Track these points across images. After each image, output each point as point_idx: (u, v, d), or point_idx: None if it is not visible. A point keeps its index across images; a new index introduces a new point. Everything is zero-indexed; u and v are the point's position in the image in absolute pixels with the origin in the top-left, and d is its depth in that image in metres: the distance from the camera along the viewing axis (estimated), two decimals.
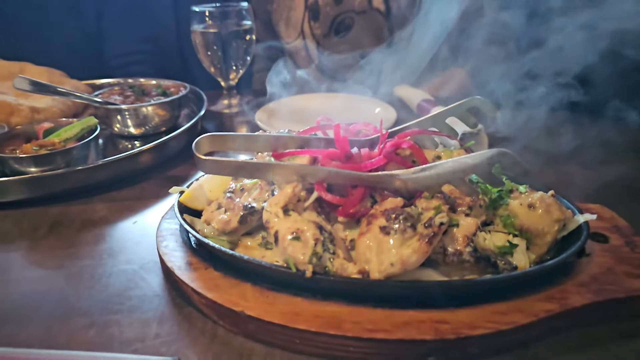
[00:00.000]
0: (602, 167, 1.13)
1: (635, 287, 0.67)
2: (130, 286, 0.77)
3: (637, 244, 0.77)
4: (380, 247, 0.63)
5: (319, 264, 0.64)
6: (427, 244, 0.61)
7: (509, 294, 0.65)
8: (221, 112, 1.67)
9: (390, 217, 0.64)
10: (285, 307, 0.64)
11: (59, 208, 1.00)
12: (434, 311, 0.62)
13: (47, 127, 1.10)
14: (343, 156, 0.71)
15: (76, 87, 1.45)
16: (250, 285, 0.68)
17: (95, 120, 1.13)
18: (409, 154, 0.73)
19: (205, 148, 0.74)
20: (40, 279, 0.80)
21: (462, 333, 0.59)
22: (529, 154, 1.13)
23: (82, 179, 1.03)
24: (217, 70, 1.65)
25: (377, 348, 0.60)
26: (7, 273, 0.82)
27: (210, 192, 0.81)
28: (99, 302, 0.73)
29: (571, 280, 0.69)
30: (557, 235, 0.74)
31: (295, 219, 0.66)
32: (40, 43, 2.03)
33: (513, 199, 0.75)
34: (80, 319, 0.70)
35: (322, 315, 0.62)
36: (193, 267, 0.73)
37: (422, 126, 0.78)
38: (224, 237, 0.76)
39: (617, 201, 0.92)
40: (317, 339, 0.61)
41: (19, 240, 0.92)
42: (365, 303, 0.64)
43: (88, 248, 0.88)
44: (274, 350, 0.63)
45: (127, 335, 0.66)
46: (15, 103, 1.19)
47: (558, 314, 0.63)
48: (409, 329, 0.60)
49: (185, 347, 0.64)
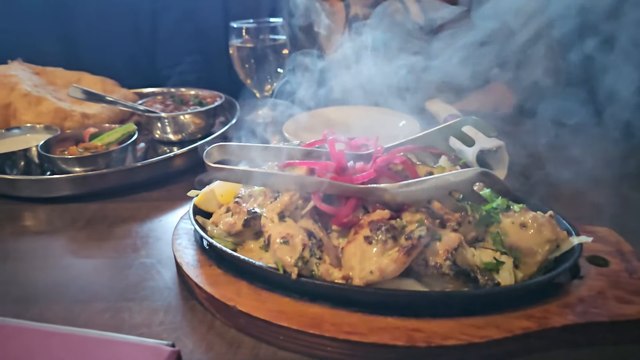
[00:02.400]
0: (620, 188, 1.11)
1: (623, 312, 0.67)
2: (146, 278, 0.85)
3: (638, 270, 0.76)
4: (363, 256, 0.68)
5: (305, 268, 0.69)
6: (406, 255, 0.65)
7: (488, 310, 0.67)
8: (255, 122, 1.76)
9: (374, 228, 0.68)
10: (273, 305, 0.69)
11: (97, 205, 1.12)
12: (412, 320, 0.66)
13: (92, 132, 1.23)
14: (338, 168, 0.76)
15: (124, 95, 1.60)
16: (246, 283, 0.74)
17: (134, 127, 1.25)
18: (401, 169, 0.76)
19: (216, 157, 0.81)
20: (71, 266, 0.91)
21: (434, 342, 0.62)
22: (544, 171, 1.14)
23: (119, 179, 1.14)
24: (253, 82, 1.75)
25: (352, 350, 0.64)
26: (46, 259, 0.94)
27: (221, 196, 0.88)
28: (117, 290, 0.83)
29: (556, 301, 0.69)
30: (548, 255, 0.74)
31: (288, 225, 0.72)
32: (100, 54, 2.23)
33: (506, 217, 0.77)
34: (99, 304, 0.79)
35: (305, 315, 0.67)
36: (199, 264, 0.80)
37: (420, 142, 0.82)
38: (230, 238, 0.83)
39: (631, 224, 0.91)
40: (298, 337, 0.66)
41: (60, 231, 1.04)
42: (347, 307, 0.68)
43: (115, 242, 0.98)
44: (261, 345, 0.69)
45: (136, 320, 0.75)
46: (69, 109, 1.34)
47: (535, 332, 0.64)
48: (383, 334, 0.63)
49: (184, 335, 0.71)
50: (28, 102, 1.28)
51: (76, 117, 1.33)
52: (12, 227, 1.07)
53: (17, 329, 0.59)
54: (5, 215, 1.12)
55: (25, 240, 1.02)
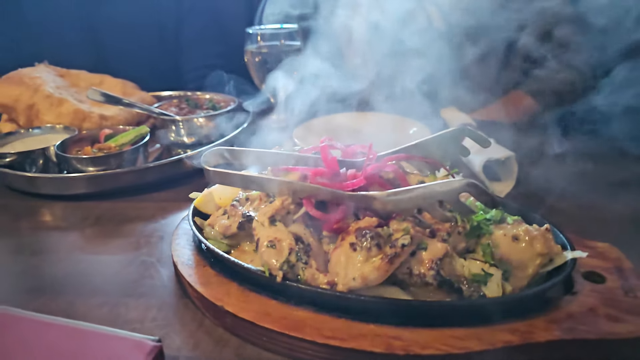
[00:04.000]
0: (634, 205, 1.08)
1: (612, 330, 0.66)
2: (145, 275, 0.89)
3: (635, 289, 0.74)
4: (347, 262, 0.69)
5: (291, 272, 0.70)
6: (388, 263, 0.66)
7: (472, 321, 0.66)
8: (269, 126, 1.79)
9: (359, 235, 0.69)
10: (259, 307, 0.71)
11: (107, 204, 1.16)
12: (393, 328, 0.66)
13: (107, 133, 1.28)
14: (330, 175, 0.77)
15: (143, 98, 1.65)
16: (236, 285, 0.76)
17: (146, 129, 1.30)
18: (393, 178, 0.77)
19: (214, 160, 0.84)
20: (78, 261, 0.95)
21: (412, 351, 0.62)
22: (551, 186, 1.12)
23: (129, 179, 1.19)
24: (268, 87, 1.78)
25: (331, 354, 0.65)
26: (55, 253, 0.99)
27: (220, 199, 0.91)
28: (116, 286, 0.86)
29: (544, 316, 0.68)
30: (539, 269, 0.74)
31: (278, 229, 0.74)
32: (125, 57, 2.31)
33: (499, 229, 0.77)
34: (98, 298, 0.82)
35: (289, 318, 0.69)
36: (194, 264, 0.82)
37: (414, 151, 0.82)
38: (225, 240, 0.85)
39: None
40: (281, 339, 0.67)
41: (71, 228, 1.09)
42: (330, 312, 0.69)
43: (120, 240, 1.02)
44: (246, 345, 0.71)
45: (131, 316, 0.78)
46: (88, 110, 1.39)
47: (518, 347, 0.64)
48: (363, 340, 0.64)
49: (173, 332, 0.73)
50: (50, 103, 1.35)
51: (94, 119, 1.39)
52: (29, 222, 1.13)
53: (13, 318, 0.62)
54: (24, 211, 1.17)
55: (40, 234, 1.07)
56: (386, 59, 2.09)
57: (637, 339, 0.65)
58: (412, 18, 2.02)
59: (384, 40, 2.04)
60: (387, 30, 2.04)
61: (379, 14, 2.12)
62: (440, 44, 2.02)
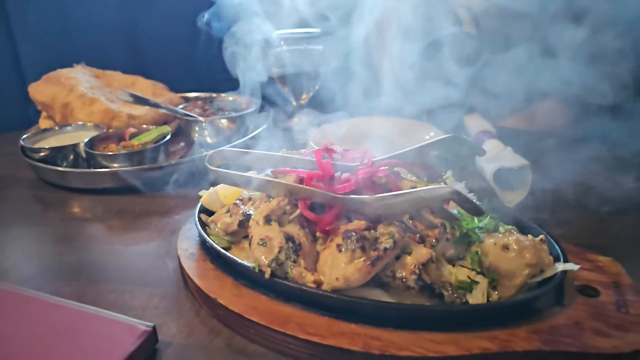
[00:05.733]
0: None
1: (596, 344, 0.65)
2: (153, 266, 0.94)
3: (629, 305, 0.73)
4: (333, 262, 0.71)
5: (280, 269, 0.74)
6: (370, 265, 0.68)
7: (453, 327, 0.67)
8: (289, 128, 1.84)
9: (346, 237, 0.71)
10: (249, 301, 0.75)
11: (127, 198, 1.24)
12: (374, 328, 0.68)
13: (132, 132, 1.36)
14: (324, 178, 0.80)
15: (171, 99, 1.74)
16: (231, 279, 0.80)
17: (168, 129, 1.37)
18: (385, 182, 0.79)
19: (217, 161, 0.89)
20: (94, 250, 1.02)
21: (388, 351, 0.64)
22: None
23: (149, 176, 1.26)
24: (289, 90, 1.82)
25: (311, 350, 0.67)
26: (76, 242, 1.06)
27: (225, 197, 0.95)
28: (126, 274, 0.92)
29: (527, 326, 0.69)
30: (527, 279, 0.74)
31: (271, 228, 0.77)
32: (160, 58, 2.42)
33: (490, 237, 0.77)
34: (108, 285, 0.89)
35: (275, 313, 0.72)
36: (196, 258, 0.87)
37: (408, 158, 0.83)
38: (227, 237, 0.89)
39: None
40: (266, 333, 0.70)
41: (92, 219, 1.17)
42: (316, 310, 0.72)
43: (135, 232, 1.08)
44: (236, 336, 0.74)
45: (135, 303, 0.83)
46: (117, 110, 1.48)
47: (495, 354, 0.64)
48: (342, 338, 0.67)
49: (171, 320, 0.78)
50: (82, 102, 1.44)
51: (123, 118, 1.48)
52: (57, 212, 1.22)
53: (13, 295, 0.69)
54: (54, 202, 1.27)
55: (65, 224, 1.15)
56: (414, 64, 2.09)
57: (621, 355, 0.64)
58: (441, 21, 2.02)
59: (413, 45, 2.05)
60: (416, 34, 2.04)
61: (409, 17, 2.13)
62: (470, 48, 2.00)
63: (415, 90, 2.06)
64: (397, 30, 2.11)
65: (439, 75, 1.73)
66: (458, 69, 1.89)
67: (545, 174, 1.25)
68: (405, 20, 2.21)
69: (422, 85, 1.90)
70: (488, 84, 1.60)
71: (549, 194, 1.19)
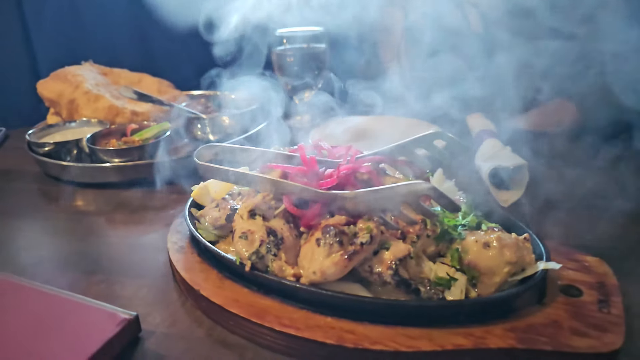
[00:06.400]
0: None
1: (571, 344, 0.65)
2: (145, 258, 0.97)
3: (611, 305, 0.72)
4: (312, 256, 0.72)
5: (261, 263, 0.75)
6: (346, 260, 0.68)
7: (429, 323, 0.68)
8: (291, 126, 1.85)
9: (324, 231, 0.72)
10: (230, 294, 0.76)
11: (127, 192, 1.27)
12: (350, 322, 0.69)
13: (133, 128, 1.39)
14: (308, 174, 0.81)
15: (175, 96, 1.76)
16: (216, 272, 0.82)
17: (168, 125, 1.40)
18: (367, 179, 0.79)
19: (206, 156, 0.90)
20: (91, 243, 1.05)
21: (361, 345, 0.65)
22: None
23: (148, 171, 1.28)
24: (292, 88, 1.84)
25: (287, 342, 0.68)
26: (73, 234, 1.10)
27: (215, 192, 0.97)
28: (118, 265, 0.95)
29: (503, 324, 0.68)
30: (507, 277, 0.73)
31: (254, 222, 0.79)
32: (171, 58, 2.46)
33: (472, 235, 0.77)
34: (100, 276, 0.91)
35: (254, 305, 0.73)
36: (184, 250, 0.89)
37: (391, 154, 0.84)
38: (215, 230, 0.91)
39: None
40: (244, 324, 0.72)
41: (91, 212, 1.20)
42: (294, 303, 0.73)
43: (132, 226, 1.11)
44: (217, 327, 0.76)
45: (124, 293, 0.86)
46: (121, 106, 1.52)
47: (467, 351, 0.65)
48: (317, 331, 0.67)
49: (156, 310, 0.80)
50: (87, 99, 1.48)
51: (126, 114, 1.51)
52: (58, 206, 1.26)
53: (4, 282, 0.72)
54: (57, 195, 1.30)
55: (67, 217, 1.19)
56: (421, 61, 2.08)
57: (598, 355, 0.64)
58: (449, 20, 2.00)
59: (420, 42, 2.04)
60: (424, 31, 2.03)
61: (418, 15, 2.12)
62: (477, 47, 1.99)
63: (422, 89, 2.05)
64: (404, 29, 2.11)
65: (446, 74, 1.72)
66: (464, 68, 1.88)
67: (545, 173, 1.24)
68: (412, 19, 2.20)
69: (429, 84, 1.89)
70: (494, 84, 1.59)
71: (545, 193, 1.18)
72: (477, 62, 1.97)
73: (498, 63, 1.66)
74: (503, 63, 1.66)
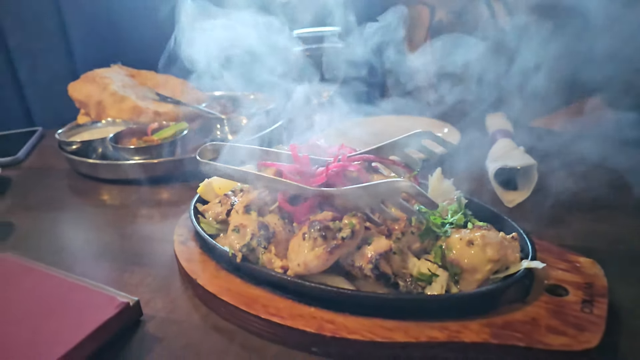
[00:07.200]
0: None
1: (545, 341, 0.66)
2: (154, 249, 1.04)
3: (595, 306, 0.72)
4: (298, 249, 0.76)
5: (252, 255, 0.79)
6: (328, 253, 0.72)
7: (406, 316, 0.70)
8: (308, 126, 1.89)
9: (311, 226, 0.76)
10: (224, 283, 0.81)
11: (147, 188, 1.35)
12: (331, 313, 0.72)
13: (154, 127, 1.47)
14: (301, 172, 0.85)
15: (197, 97, 1.84)
16: (214, 263, 0.87)
17: (185, 125, 1.47)
18: (356, 177, 0.83)
19: (209, 154, 0.96)
20: (109, 234, 1.13)
21: (339, 334, 0.68)
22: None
23: (165, 168, 1.36)
24: (309, 88, 1.88)
25: (271, 329, 0.73)
26: (96, 226, 1.18)
27: (219, 188, 1.02)
28: (130, 255, 1.02)
29: (480, 319, 0.70)
30: (489, 274, 0.75)
31: (247, 217, 0.83)
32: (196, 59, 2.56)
33: (457, 233, 0.79)
34: (112, 264, 0.99)
35: (245, 295, 0.78)
36: (187, 243, 0.95)
37: (380, 153, 0.86)
38: (217, 225, 0.96)
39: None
40: (234, 312, 0.77)
41: (113, 207, 1.29)
42: (282, 294, 0.77)
43: (147, 219, 1.19)
44: (211, 314, 0.81)
45: (132, 280, 0.93)
46: (145, 107, 1.60)
47: (440, 343, 0.67)
48: (300, 320, 0.71)
49: (158, 297, 0.87)
50: (114, 100, 1.58)
51: (149, 114, 1.60)
52: (83, 200, 1.35)
53: (16, 264, 0.79)
54: (85, 191, 1.40)
55: (92, 210, 1.28)
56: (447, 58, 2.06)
57: (572, 353, 0.65)
58: (475, 14, 1.98)
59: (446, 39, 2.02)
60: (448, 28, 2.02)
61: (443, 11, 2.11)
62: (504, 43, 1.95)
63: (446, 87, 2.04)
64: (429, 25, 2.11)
65: (469, 72, 1.71)
66: (489, 65, 1.85)
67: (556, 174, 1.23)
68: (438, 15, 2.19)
69: (452, 83, 1.89)
70: (520, 82, 1.57)
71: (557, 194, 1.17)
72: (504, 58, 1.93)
73: (524, 58, 1.63)
74: (530, 58, 1.62)
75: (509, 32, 1.91)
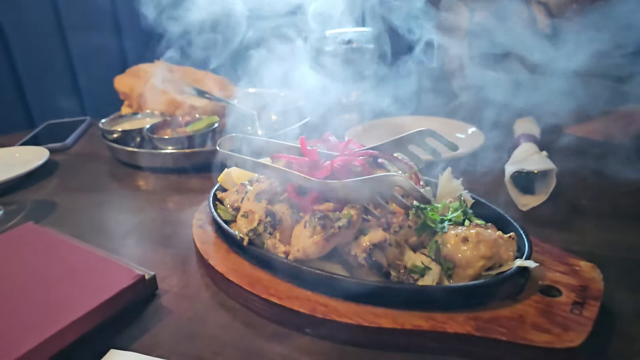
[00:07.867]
0: None
1: (528, 337, 0.67)
2: (178, 232, 1.12)
3: (585, 308, 0.73)
4: (299, 236, 0.81)
5: (258, 239, 0.85)
6: (325, 241, 0.77)
7: (395, 305, 0.74)
8: (336, 124, 1.94)
9: (312, 215, 0.81)
10: (233, 265, 0.88)
11: (177, 176, 1.45)
12: (325, 296, 0.77)
13: (187, 120, 1.57)
14: (310, 164, 0.90)
15: (231, 93, 1.93)
16: (226, 246, 0.94)
17: (216, 118, 1.56)
18: (360, 171, 0.87)
19: (227, 146, 1.03)
20: (141, 216, 1.23)
21: (329, 317, 0.73)
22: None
23: (195, 158, 1.45)
24: (339, 87, 1.92)
25: (270, 308, 0.78)
26: (126, 207, 1.29)
27: (237, 178, 1.09)
28: (155, 236, 1.11)
29: (468, 313, 0.73)
30: (481, 271, 0.77)
31: (257, 205, 0.89)
32: None
33: (454, 229, 0.82)
34: (139, 242, 1.08)
35: (250, 276, 0.84)
36: (205, 227, 1.03)
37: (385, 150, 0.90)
38: (233, 211, 1.03)
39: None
40: (239, 291, 0.83)
41: (147, 192, 1.39)
42: (283, 277, 0.82)
43: (174, 204, 1.28)
44: (220, 292, 0.88)
45: (154, 257, 1.01)
46: (182, 100, 1.71)
47: (424, 332, 0.70)
48: (295, 301, 0.77)
49: (175, 274, 0.95)
50: (153, 93, 1.69)
51: (185, 107, 1.70)
52: (121, 185, 1.47)
53: (36, 230, 0.89)
54: (123, 177, 1.52)
55: (125, 196, 1.39)
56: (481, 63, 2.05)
57: (554, 350, 0.66)
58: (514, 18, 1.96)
59: (482, 43, 2.01)
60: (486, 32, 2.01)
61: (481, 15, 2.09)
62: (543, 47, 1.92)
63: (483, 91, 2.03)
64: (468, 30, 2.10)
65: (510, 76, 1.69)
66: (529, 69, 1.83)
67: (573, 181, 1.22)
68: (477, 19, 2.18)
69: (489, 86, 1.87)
70: (559, 87, 1.55)
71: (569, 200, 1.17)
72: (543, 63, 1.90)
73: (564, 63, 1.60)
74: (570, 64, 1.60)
75: (549, 35, 1.87)
